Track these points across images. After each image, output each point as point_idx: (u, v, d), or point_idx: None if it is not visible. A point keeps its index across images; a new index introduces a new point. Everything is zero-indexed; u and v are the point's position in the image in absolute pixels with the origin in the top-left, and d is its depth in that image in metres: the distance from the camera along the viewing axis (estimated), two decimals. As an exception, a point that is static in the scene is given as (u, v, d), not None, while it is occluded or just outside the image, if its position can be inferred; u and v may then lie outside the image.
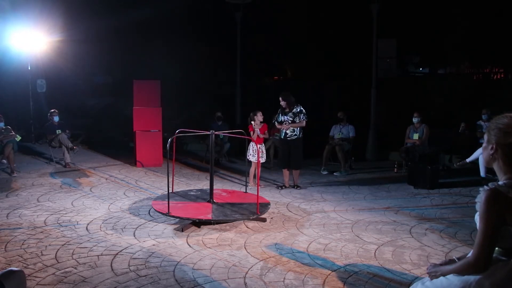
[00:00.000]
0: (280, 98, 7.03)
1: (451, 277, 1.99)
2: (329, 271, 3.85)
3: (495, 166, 1.95)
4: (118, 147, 11.28)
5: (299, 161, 7.10)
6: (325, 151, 8.89)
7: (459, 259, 2.08)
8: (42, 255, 4.12)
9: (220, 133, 7.78)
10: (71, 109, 13.13)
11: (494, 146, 1.92)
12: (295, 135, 6.98)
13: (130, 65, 14.71)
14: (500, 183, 1.88)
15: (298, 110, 6.96)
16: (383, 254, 4.31)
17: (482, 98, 11.45)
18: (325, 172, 8.64)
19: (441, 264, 2.13)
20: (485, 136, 2.00)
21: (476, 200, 1.94)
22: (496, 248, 1.89)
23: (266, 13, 14.76)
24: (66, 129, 9.07)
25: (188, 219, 5.00)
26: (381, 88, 11.16)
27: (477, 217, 1.96)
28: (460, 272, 1.94)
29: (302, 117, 6.96)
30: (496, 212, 1.81)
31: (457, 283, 1.94)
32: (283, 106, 7.02)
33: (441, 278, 2.03)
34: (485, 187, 1.87)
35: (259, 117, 7.36)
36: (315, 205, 6.21)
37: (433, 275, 2.07)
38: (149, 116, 9.01)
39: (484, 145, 2.00)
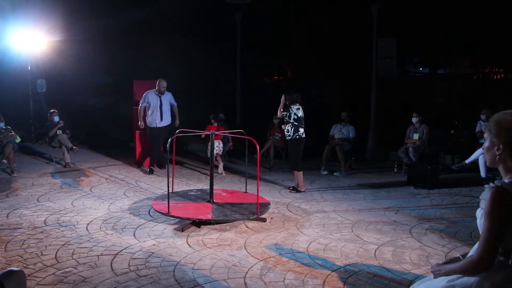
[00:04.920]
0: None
1: (452, 278, 1.98)
2: (329, 271, 3.85)
3: (501, 166, 1.92)
4: (118, 147, 11.28)
5: (292, 162, 7.05)
6: (325, 151, 8.90)
7: (463, 256, 2.07)
8: (42, 255, 4.12)
9: (220, 133, 7.78)
10: (71, 109, 13.12)
11: (501, 146, 1.89)
12: (289, 135, 6.97)
13: (130, 65, 14.69)
14: (506, 181, 1.87)
15: (289, 108, 6.98)
16: (383, 254, 4.31)
17: (482, 98, 11.45)
18: (325, 172, 8.64)
19: (445, 263, 2.12)
20: (487, 137, 1.97)
21: (481, 197, 1.92)
22: None
23: (266, 13, 14.75)
24: (66, 129, 9.08)
25: (188, 219, 5.00)
26: (381, 88, 11.16)
27: (478, 214, 1.95)
28: (464, 270, 1.92)
29: (286, 114, 6.92)
30: (502, 209, 1.79)
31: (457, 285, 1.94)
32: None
33: (442, 280, 2.02)
34: (491, 184, 1.85)
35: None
36: (315, 205, 6.21)
37: (437, 273, 2.06)
38: (149, 116, 9.01)
39: (486, 146, 1.96)
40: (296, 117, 6.86)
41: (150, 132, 8.48)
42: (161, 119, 8.43)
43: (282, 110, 7.02)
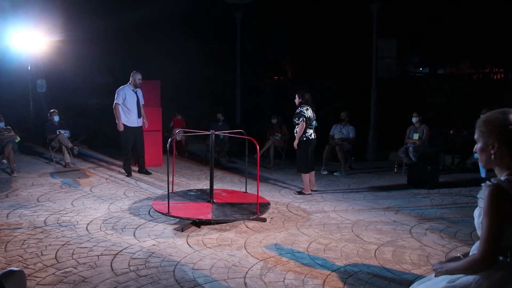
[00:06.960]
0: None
1: (452, 278, 1.98)
2: (329, 271, 3.85)
3: (497, 165, 1.91)
4: (118, 147, 11.26)
5: (298, 163, 6.91)
6: (325, 151, 8.90)
7: (464, 256, 2.07)
8: (42, 255, 4.12)
9: (220, 133, 7.78)
10: (71, 109, 13.12)
11: (496, 144, 1.88)
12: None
13: (130, 65, 14.68)
14: (502, 178, 1.86)
15: (298, 111, 6.78)
16: (383, 254, 4.31)
17: (482, 98, 11.45)
18: (325, 172, 8.65)
19: (446, 262, 2.12)
20: (478, 139, 1.95)
21: (479, 196, 1.92)
22: None
23: (266, 13, 14.76)
24: (66, 129, 9.08)
25: (188, 219, 5.00)
26: (381, 88, 11.16)
27: (476, 213, 1.95)
28: (466, 269, 1.92)
29: (300, 119, 6.70)
30: (500, 207, 1.79)
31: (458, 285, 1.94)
32: (296, 104, 6.86)
33: (442, 280, 2.02)
34: (488, 182, 1.85)
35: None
36: (315, 205, 6.21)
37: (438, 271, 2.06)
38: (149, 116, 9.00)
39: (480, 147, 1.95)
40: (304, 118, 6.70)
41: (131, 132, 7.90)
42: (139, 117, 7.93)
43: (296, 120, 6.72)
